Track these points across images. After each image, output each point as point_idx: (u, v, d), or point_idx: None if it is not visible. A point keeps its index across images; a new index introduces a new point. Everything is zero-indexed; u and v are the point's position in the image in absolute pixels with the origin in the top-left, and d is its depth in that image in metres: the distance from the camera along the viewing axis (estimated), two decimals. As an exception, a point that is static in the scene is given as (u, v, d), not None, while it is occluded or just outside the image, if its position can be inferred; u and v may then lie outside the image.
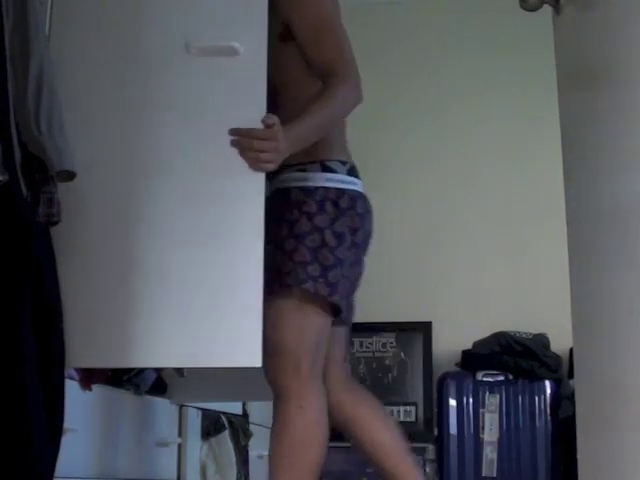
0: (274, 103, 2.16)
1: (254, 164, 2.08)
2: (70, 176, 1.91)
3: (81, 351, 2.00)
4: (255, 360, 2.16)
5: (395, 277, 4.46)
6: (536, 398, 3.97)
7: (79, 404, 2.24)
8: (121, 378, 2.55)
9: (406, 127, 4.60)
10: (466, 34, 4.60)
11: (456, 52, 4.60)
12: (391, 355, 4.39)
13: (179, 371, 2.80)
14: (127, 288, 2.10)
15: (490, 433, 3.97)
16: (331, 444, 4.62)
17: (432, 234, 4.47)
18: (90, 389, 2.34)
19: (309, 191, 2.22)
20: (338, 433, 4.23)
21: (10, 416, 1.74)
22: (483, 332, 4.10)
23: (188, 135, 2.17)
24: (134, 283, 2.09)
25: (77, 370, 2.30)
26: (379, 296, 4.45)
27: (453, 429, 4.03)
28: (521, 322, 4.13)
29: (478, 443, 3.98)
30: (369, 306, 4.45)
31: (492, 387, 4.03)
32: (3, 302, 1.77)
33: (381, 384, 4.37)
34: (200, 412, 2.97)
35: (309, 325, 2.18)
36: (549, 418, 3.93)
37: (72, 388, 2.18)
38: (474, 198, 4.47)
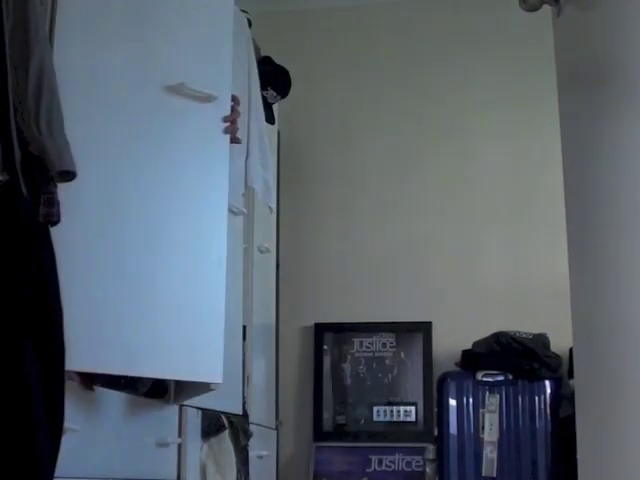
0: None
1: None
2: (70, 176, 1.92)
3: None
4: (216, 376, 2.30)
5: (395, 277, 4.46)
6: (536, 398, 3.97)
7: (79, 404, 2.24)
8: (119, 380, 2.55)
9: (405, 124, 4.60)
10: (466, 32, 4.60)
11: (457, 51, 4.60)
12: (391, 355, 4.39)
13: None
14: (107, 296, 2.17)
15: (490, 433, 3.97)
16: (331, 444, 4.63)
17: (432, 234, 4.47)
18: (92, 389, 2.34)
19: None
20: (337, 433, 4.24)
21: (10, 416, 1.74)
22: (483, 332, 4.10)
23: (160, 165, 2.41)
24: (112, 292, 2.16)
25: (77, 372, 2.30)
26: (379, 296, 4.46)
27: (453, 429, 4.03)
28: (521, 322, 4.13)
29: (478, 443, 3.98)
30: (369, 306, 4.48)
31: (492, 387, 4.03)
32: (3, 302, 1.77)
33: (381, 384, 4.37)
34: (200, 412, 2.96)
35: None
36: (549, 418, 3.93)
37: (72, 388, 2.18)
38: (474, 198, 4.47)
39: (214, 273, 2.50)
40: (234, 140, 2.82)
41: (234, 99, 2.76)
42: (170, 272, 2.38)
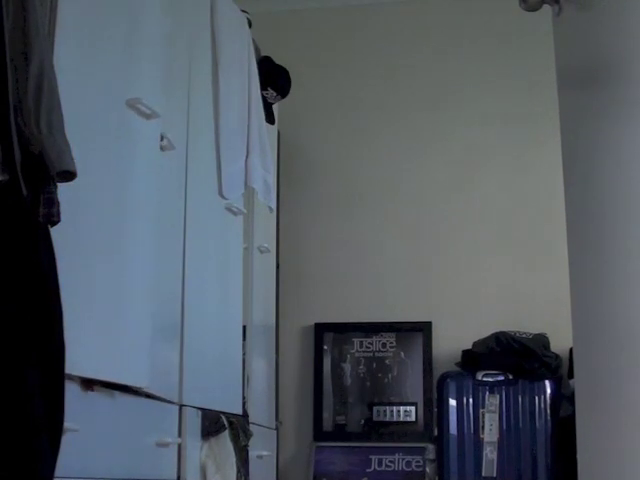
0: None
1: None
2: (71, 176, 1.92)
3: None
4: (141, 380, 2.33)
5: (395, 277, 4.46)
6: (536, 398, 3.97)
7: (79, 404, 2.24)
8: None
9: (406, 124, 4.61)
10: (466, 32, 4.60)
11: (457, 50, 4.60)
12: (391, 355, 4.39)
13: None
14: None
15: (490, 433, 3.97)
16: (331, 444, 4.63)
17: (432, 234, 4.47)
18: (92, 389, 2.33)
19: None
20: (337, 433, 4.22)
21: (10, 416, 1.74)
22: (483, 332, 4.10)
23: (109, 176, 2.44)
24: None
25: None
26: (379, 296, 4.46)
27: (453, 429, 4.03)
28: (521, 322, 4.13)
29: (478, 443, 3.98)
30: (369, 306, 4.48)
31: (492, 387, 4.03)
32: (4, 303, 1.77)
33: (381, 384, 4.37)
34: (200, 412, 2.96)
35: None
36: (549, 418, 3.93)
37: (72, 387, 2.18)
38: (474, 198, 4.47)
39: (139, 276, 2.54)
40: None
41: None
42: (98, 273, 2.39)
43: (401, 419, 4.31)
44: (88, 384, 2.32)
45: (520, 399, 3.99)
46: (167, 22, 2.85)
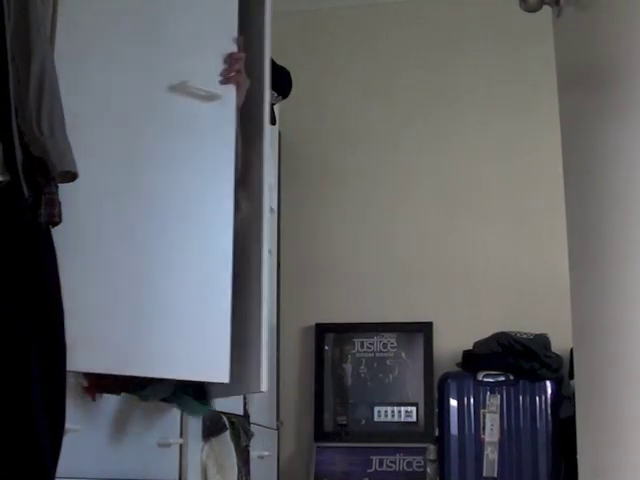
0: None
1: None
2: (72, 177, 1.92)
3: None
4: (223, 376, 2.34)
5: (396, 277, 4.46)
6: (537, 398, 3.97)
7: (81, 404, 2.24)
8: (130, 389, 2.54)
9: (407, 125, 4.61)
10: (466, 32, 4.61)
11: (457, 50, 4.60)
12: (392, 355, 4.39)
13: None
14: (112, 294, 2.20)
15: (491, 433, 3.97)
16: (332, 444, 4.62)
17: (432, 234, 4.47)
18: (93, 398, 2.33)
19: None
20: (338, 434, 4.21)
21: (12, 416, 1.75)
22: (484, 332, 4.10)
23: (161, 168, 2.43)
24: (119, 291, 2.17)
25: (86, 376, 2.29)
26: (380, 296, 4.46)
27: (454, 429, 4.02)
28: (522, 322, 4.13)
29: (479, 443, 3.98)
30: (370, 306, 4.48)
31: (493, 387, 4.02)
32: (5, 303, 1.77)
33: (382, 384, 4.37)
34: (201, 412, 2.97)
35: None
36: (550, 418, 3.93)
37: (73, 389, 2.18)
38: (475, 198, 4.47)
39: (220, 273, 2.51)
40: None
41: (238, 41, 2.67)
42: (173, 273, 2.39)
43: (402, 419, 4.31)
44: (91, 391, 2.32)
45: (521, 399, 3.99)
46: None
